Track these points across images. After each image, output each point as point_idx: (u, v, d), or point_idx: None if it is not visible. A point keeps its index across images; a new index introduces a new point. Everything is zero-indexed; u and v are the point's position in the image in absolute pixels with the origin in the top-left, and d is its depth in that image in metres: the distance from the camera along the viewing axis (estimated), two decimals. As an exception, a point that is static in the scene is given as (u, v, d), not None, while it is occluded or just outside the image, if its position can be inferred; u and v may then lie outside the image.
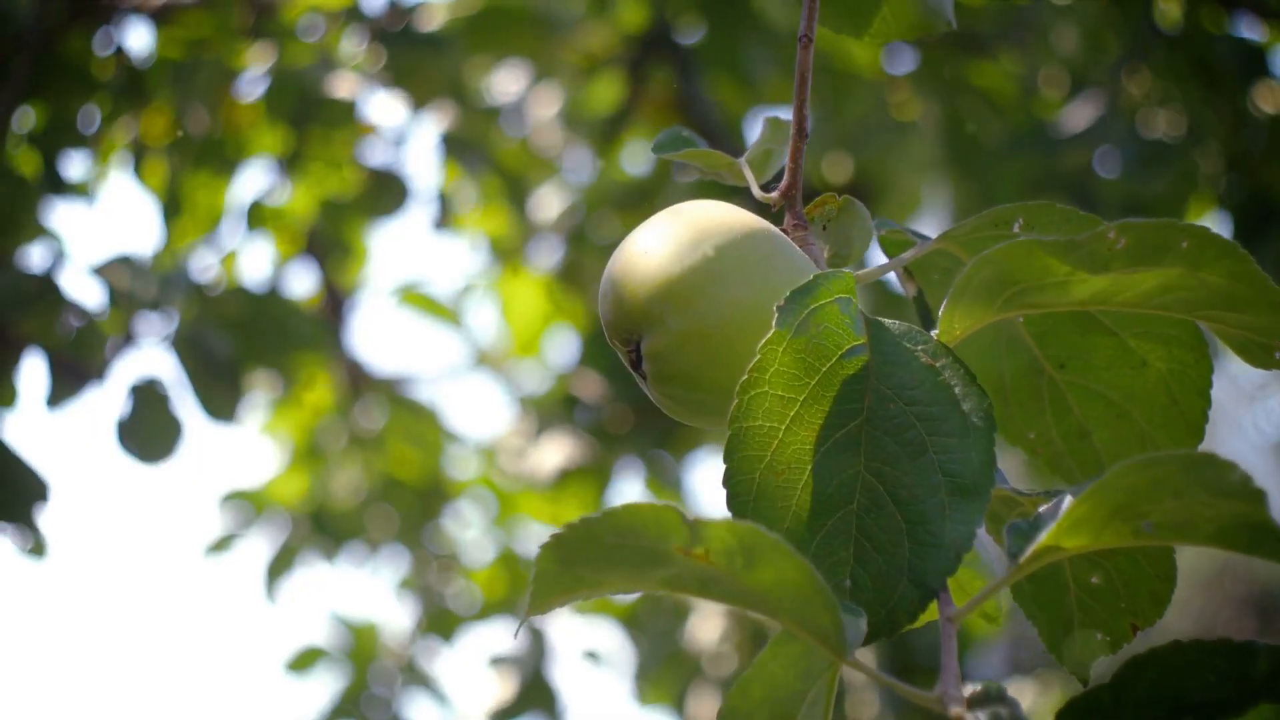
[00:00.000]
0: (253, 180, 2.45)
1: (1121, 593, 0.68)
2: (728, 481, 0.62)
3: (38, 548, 1.71)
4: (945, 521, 0.60)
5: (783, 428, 0.62)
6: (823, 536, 0.61)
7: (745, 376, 0.62)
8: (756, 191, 0.76)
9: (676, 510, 0.52)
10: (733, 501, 0.61)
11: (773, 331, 0.62)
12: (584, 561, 0.54)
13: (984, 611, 0.78)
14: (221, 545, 3.10)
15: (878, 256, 0.81)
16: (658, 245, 0.68)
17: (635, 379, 0.71)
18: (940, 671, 0.54)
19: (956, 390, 0.62)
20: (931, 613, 0.62)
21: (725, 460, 0.61)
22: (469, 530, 3.35)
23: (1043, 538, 0.55)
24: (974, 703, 0.52)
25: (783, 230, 0.73)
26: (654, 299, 0.67)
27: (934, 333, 0.64)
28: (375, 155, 2.50)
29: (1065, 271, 0.59)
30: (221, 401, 2.05)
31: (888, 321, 0.65)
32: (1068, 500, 0.55)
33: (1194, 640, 0.53)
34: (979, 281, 0.61)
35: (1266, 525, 0.51)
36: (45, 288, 1.88)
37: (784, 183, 0.74)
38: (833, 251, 0.73)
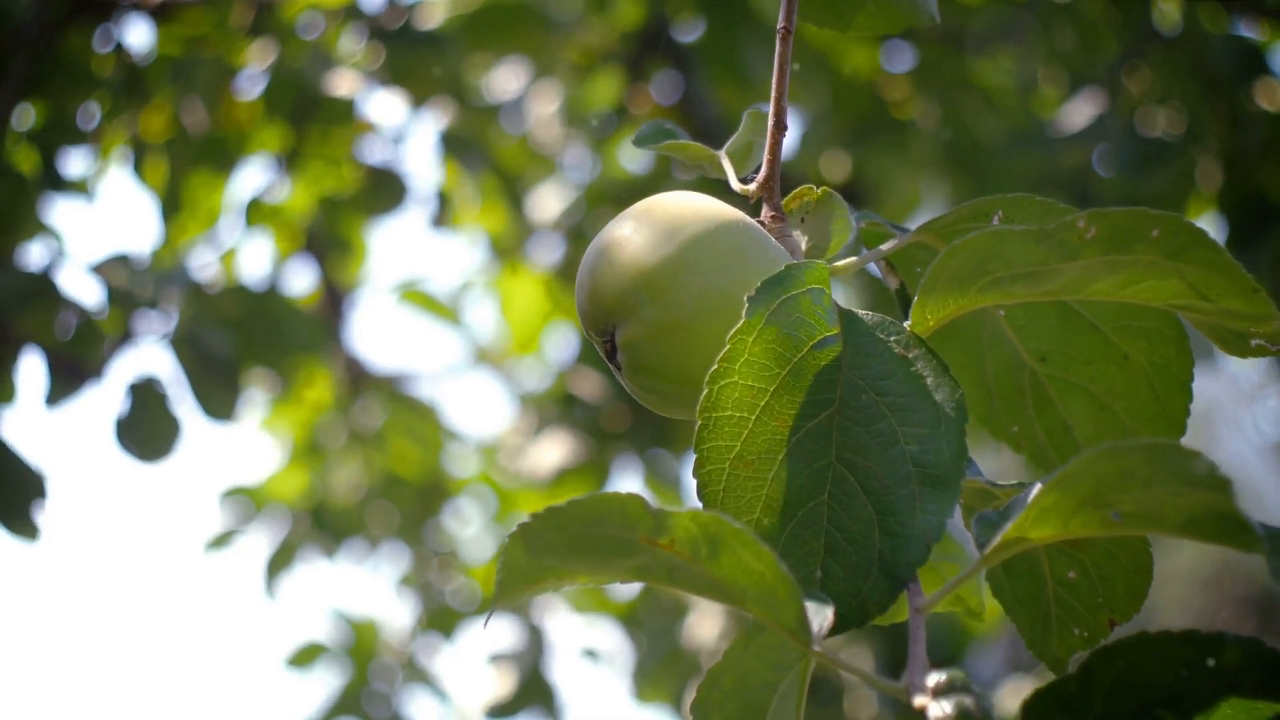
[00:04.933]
0: (252, 178, 2.46)
1: (1098, 587, 0.68)
2: (698, 471, 0.62)
3: (30, 533, 1.72)
4: (916, 512, 0.60)
5: (753, 418, 0.62)
6: (793, 527, 0.61)
7: (715, 366, 0.62)
8: (734, 183, 0.76)
9: (642, 500, 0.52)
10: (703, 491, 0.61)
11: (743, 321, 0.62)
12: (551, 551, 0.54)
13: (966, 607, 0.77)
14: (222, 542, 3.11)
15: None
16: (633, 236, 0.68)
17: (611, 370, 0.71)
18: (908, 661, 0.54)
19: (929, 381, 0.62)
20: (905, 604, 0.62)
21: (695, 450, 0.61)
22: (469, 527, 3.35)
23: (1009, 527, 0.55)
24: (939, 692, 0.52)
25: (760, 222, 0.73)
26: (628, 289, 0.67)
27: (907, 324, 0.64)
28: (374, 153, 2.51)
29: (1036, 260, 0.59)
30: (220, 400, 2.05)
31: (860, 312, 0.65)
32: (1036, 489, 0.55)
33: (1162, 631, 0.53)
34: (950, 271, 0.61)
35: (1234, 515, 0.51)
36: (44, 286, 1.89)
37: (762, 174, 0.74)
38: (811, 243, 0.72)
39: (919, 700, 0.52)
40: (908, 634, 0.56)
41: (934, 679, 0.52)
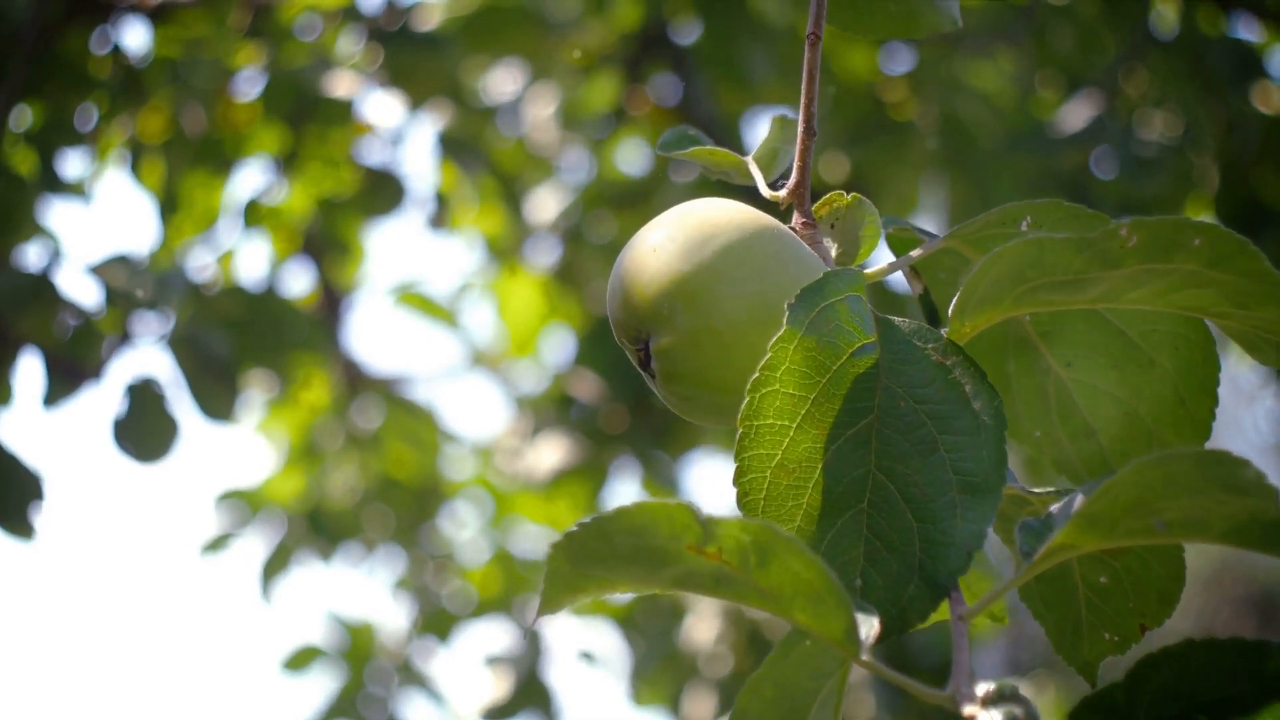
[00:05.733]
0: (250, 179, 2.45)
1: (1130, 593, 0.68)
2: (738, 479, 0.61)
3: (26, 534, 1.71)
4: (956, 520, 0.59)
5: (793, 426, 0.61)
6: (833, 535, 0.61)
7: (756, 375, 0.62)
8: (764, 189, 0.75)
9: (689, 508, 0.52)
10: (743, 499, 0.61)
11: (784, 329, 0.62)
12: (595, 560, 0.54)
13: (991, 611, 0.78)
14: (217, 544, 3.10)
15: (885, 254, 0.81)
16: (667, 243, 0.68)
17: (644, 378, 0.71)
18: (952, 669, 0.54)
19: (967, 388, 0.62)
20: (941, 612, 0.62)
21: (736, 458, 0.61)
22: (465, 530, 3.35)
23: (1056, 536, 0.55)
24: (987, 701, 0.52)
25: (791, 228, 0.73)
26: (663, 297, 0.67)
27: (943, 331, 0.64)
28: (372, 154, 2.50)
29: (1077, 269, 0.59)
30: (218, 401, 2.04)
31: (898, 320, 0.65)
32: (1080, 498, 0.55)
33: (1207, 638, 0.53)
34: (990, 279, 0.61)
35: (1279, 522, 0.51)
36: (42, 287, 1.88)
37: (792, 180, 0.73)
38: (841, 250, 0.72)
39: (968, 710, 0.52)
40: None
41: (982, 688, 0.52)
